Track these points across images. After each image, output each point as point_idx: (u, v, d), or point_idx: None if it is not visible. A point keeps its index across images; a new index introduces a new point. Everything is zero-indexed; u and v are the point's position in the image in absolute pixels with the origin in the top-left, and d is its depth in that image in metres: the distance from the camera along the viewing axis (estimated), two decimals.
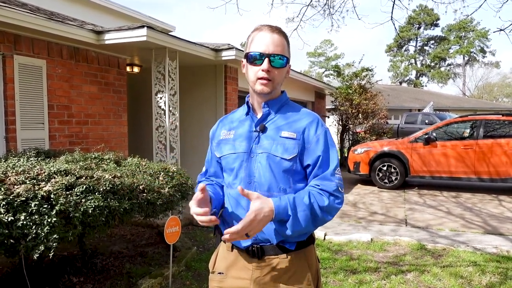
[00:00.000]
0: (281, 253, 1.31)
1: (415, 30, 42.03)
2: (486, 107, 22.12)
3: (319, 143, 1.30)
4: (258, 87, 1.32)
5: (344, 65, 18.35)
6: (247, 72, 1.37)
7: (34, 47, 4.41)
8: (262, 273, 1.31)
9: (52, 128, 4.65)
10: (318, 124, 1.34)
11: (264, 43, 1.30)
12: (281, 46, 1.31)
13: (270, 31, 1.32)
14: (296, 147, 1.29)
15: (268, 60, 1.29)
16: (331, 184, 1.27)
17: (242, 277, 1.35)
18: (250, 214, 1.17)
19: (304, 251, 1.34)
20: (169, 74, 5.29)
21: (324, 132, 1.33)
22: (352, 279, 3.40)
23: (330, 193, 1.26)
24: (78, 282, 3.18)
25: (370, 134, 11.14)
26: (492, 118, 7.63)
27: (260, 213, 1.18)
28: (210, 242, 4.53)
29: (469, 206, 6.40)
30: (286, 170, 1.29)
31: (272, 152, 1.30)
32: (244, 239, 1.21)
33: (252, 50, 1.32)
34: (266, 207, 1.19)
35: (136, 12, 9.70)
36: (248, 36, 1.38)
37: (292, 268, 1.31)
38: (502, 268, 3.64)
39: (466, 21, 36.90)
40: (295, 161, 1.30)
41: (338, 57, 45.04)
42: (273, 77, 1.31)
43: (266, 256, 1.31)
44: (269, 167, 1.29)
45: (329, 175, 1.28)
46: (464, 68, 43.49)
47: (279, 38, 1.32)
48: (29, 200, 2.24)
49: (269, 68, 1.29)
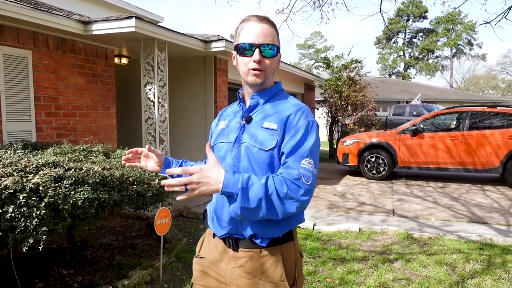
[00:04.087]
0: (255, 247, 1.31)
1: (404, 22, 42.23)
2: (472, 99, 22.46)
3: (297, 133, 1.25)
4: (250, 78, 1.31)
5: (333, 57, 18.40)
6: (238, 64, 1.36)
7: (19, 37, 4.32)
8: (237, 264, 1.32)
9: (39, 120, 4.59)
10: (301, 115, 1.29)
11: (253, 34, 1.29)
12: (271, 36, 1.31)
13: (258, 21, 1.31)
14: (275, 139, 1.26)
15: (258, 50, 1.28)
16: (293, 172, 1.19)
17: (221, 265, 1.37)
18: (196, 167, 1.16)
19: (280, 247, 1.32)
20: (158, 66, 5.24)
21: (306, 124, 1.27)
22: (340, 268, 3.46)
23: (291, 181, 1.18)
24: (68, 274, 3.17)
25: (359, 126, 11.24)
26: (478, 110, 7.76)
27: (206, 172, 1.15)
28: (200, 233, 4.54)
29: (456, 197, 6.53)
30: (264, 161, 1.27)
31: (251, 142, 1.29)
32: (183, 197, 1.18)
33: (241, 41, 1.31)
34: (215, 170, 1.16)
35: (123, 2, 9.55)
36: (236, 28, 1.36)
37: (266, 264, 1.30)
38: (485, 255, 3.74)
39: (454, 14, 37.22)
40: (272, 152, 1.27)
41: (327, 49, 45.11)
42: (265, 67, 1.30)
43: (240, 248, 1.32)
44: (247, 158, 1.29)
45: (293, 164, 1.21)
46: (451, 61, 43.97)
47: (268, 27, 1.31)
48: (17, 193, 2.22)
49: (260, 59, 1.29)
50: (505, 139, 7.16)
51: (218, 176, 1.16)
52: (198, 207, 5.52)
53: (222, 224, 1.36)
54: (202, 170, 1.15)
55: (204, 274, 1.44)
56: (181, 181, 1.15)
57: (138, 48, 5.32)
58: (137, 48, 5.42)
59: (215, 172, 1.16)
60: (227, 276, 1.35)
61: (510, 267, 3.46)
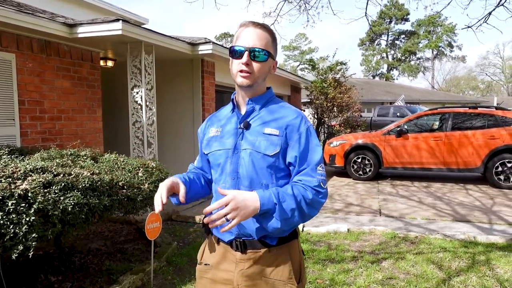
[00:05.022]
0: (263, 247, 1.34)
1: (386, 25, 42.96)
2: (453, 100, 23.00)
3: (301, 139, 1.32)
4: (238, 79, 1.34)
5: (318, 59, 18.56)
6: (231, 66, 1.39)
7: (3, 40, 4.23)
8: (245, 266, 1.35)
9: (24, 125, 4.50)
10: (301, 121, 1.35)
11: (246, 38, 1.33)
12: (264, 41, 1.33)
13: (253, 26, 1.34)
14: (279, 144, 1.31)
15: (247, 53, 1.31)
16: (312, 180, 1.29)
17: (227, 269, 1.38)
18: (228, 196, 1.19)
19: (287, 245, 1.37)
20: (145, 69, 5.21)
21: (306, 129, 1.34)
22: (330, 268, 3.50)
23: (312, 187, 1.28)
24: (56, 281, 3.12)
25: (344, 127, 11.38)
26: (460, 111, 7.96)
27: (240, 195, 1.19)
28: (190, 237, 4.53)
29: (440, 196, 6.68)
30: (269, 166, 1.32)
31: (255, 148, 1.32)
32: (224, 228, 1.19)
33: (234, 45, 1.35)
34: (245, 192, 1.21)
35: (107, 4, 9.43)
36: (235, 32, 1.40)
37: (274, 262, 1.34)
38: (470, 253, 3.85)
39: (435, 16, 38.06)
40: (277, 157, 1.32)
41: (312, 51, 45.51)
42: (253, 70, 1.33)
43: (248, 249, 1.34)
44: (251, 163, 1.32)
45: (310, 171, 1.30)
46: (433, 62, 44.94)
47: (262, 33, 1.34)
48: (6, 199, 2.18)
49: (247, 61, 1.31)
50: (486, 139, 7.36)
51: (251, 196, 1.20)
52: (187, 210, 5.50)
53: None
54: (235, 197, 1.18)
55: (211, 281, 1.43)
56: (220, 214, 1.18)
57: (124, 51, 5.27)
58: (123, 51, 5.37)
59: (246, 193, 1.21)
60: (235, 280, 1.36)
61: (494, 264, 3.56)
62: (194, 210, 5.45)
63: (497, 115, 7.52)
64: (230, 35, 48.42)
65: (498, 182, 7.25)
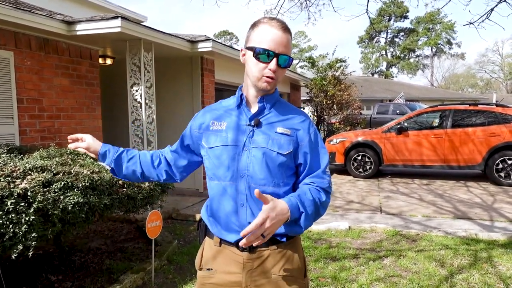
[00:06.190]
0: (272, 245, 1.33)
1: (386, 22, 42.90)
2: (452, 97, 22.98)
3: (311, 142, 1.36)
4: (261, 84, 1.32)
5: (317, 57, 18.48)
6: (249, 65, 1.33)
7: (0, 38, 4.19)
8: (254, 266, 1.33)
9: (22, 123, 4.47)
10: (309, 124, 1.39)
11: (274, 41, 1.28)
12: (289, 47, 1.33)
13: (281, 29, 1.29)
14: (291, 144, 1.33)
15: (276, 60, 1.29)
16: (323, 181, 1.35)
17: (233, 271, 1.35)
18: (262, 213, 1.16)
19: (294, 240, 1.38)
20: (145, 66, 5.18)
21: (314, 132, 1.39)
22: (332, 266, 3.49)
23: (324, 189, 1.34)
24: (56, 280, 3.10)
25: (344, 124, 11.36)
26: (460, 108, 7.95)
27: (273, 212, 1.17)
28: (191, 235, 4.52)
29: (440, 193, 6.67)
30: (281, 164, 1.32)
31: (269, 147, 1.32)
32: (260, 242, 1.19)
33: (260, 46, 1.29)
34: (278, 207, 1.19)
35: (106, 2, 9.38)
36: (253, 25, 1.34)
37: (283, 259, 1.34)
38: (471, 250, 3.83)
39: (434, 14, 38.02)
40: (290, 156, 1.33)
41: (311, 49, 45.44)
42: (277, 76, 1.33)
43: (257, 248, 1.33)
44: (265, 162, 1.30)
45: (321, 174, 1.36)
46: (432, 59, 44.91)
47: (288, 37, 1.31)
48: (5, 199, 2.16)
49: (276, 69, 1.30)
50: (487, 136, 7.35)
51: (282, 208, 1.20)
52: (186, 208, 5.48)
53: (233, 228, 1.33)
54: (269, 215, 1.16)
55: (216, 286, 1.39)
56: (257, 235, 1.16)
57: (123, 49, 5.23)
58: (122, 49, 5.33)
59: (278, 207, 1.19)
60: (243, 281, 1.34)
61: (496, 262, 3.55)
62: (195, 209, 5.43)
63: (497, 112, 7.51)
64: (229, 33, 48.23)
65: (499, 179, 7.24)
